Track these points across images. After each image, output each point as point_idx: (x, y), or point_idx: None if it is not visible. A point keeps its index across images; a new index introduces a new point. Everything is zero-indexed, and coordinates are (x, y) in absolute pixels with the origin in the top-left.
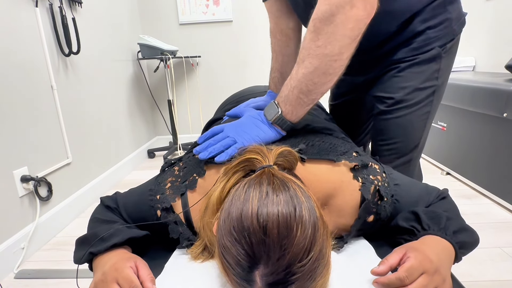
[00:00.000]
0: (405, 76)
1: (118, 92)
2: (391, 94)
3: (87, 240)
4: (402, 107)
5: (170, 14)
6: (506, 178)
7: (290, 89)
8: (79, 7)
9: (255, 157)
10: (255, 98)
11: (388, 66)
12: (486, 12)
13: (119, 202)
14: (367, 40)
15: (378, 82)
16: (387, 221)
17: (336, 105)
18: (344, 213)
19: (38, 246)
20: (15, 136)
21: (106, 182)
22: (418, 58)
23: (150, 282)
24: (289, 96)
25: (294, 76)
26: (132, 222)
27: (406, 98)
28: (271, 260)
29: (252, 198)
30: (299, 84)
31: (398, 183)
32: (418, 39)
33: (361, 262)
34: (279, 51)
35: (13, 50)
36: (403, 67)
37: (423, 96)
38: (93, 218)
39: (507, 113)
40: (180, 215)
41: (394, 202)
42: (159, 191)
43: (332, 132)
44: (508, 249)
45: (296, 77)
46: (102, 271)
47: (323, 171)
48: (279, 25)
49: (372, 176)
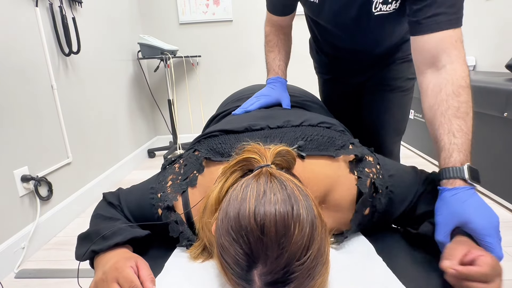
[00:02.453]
0: (399, 69)
1: (118, 92)
2: (390, 82)
3: (89, 237)
4: (399, 91)
5: (170, 13)
6: (507, 178)
7: (466, 141)
8: (79, 6)
9: (252, 157)
10: (258, 92)
11: (384, 65)
12: (486, 11)
13: (121, 199)
14: (370, 52)
15: (376, 76)
16: (382, 213)
17: (331, 101)
18: (341, 207)
19: (38, 246)
20: (16, 136)
21: (106, 181)
22: (408, 58)
23: (151, 283)
24: (467, 148)
25: (466, 129)
26: (134, 219)
27: (401, 85)
28: (269, 259)
29: (249, 197)
30: (468, 132)
31: (392, 173)
32: (406, 44)
33: (360, 260)
34: (282, 47)
35: (13, 50)
36: (398, 63)
37: (411, 85)
38: (96, 214)
39: (508, 112)
40: (181, 214)
41: (389, 193)
42: (160, 189)
43: (331, 125)
44: (509, 248)
45: (469, 128)
46: (102, 270)
47: (321, 167)
48: (283, 29)
49: (368, 169)
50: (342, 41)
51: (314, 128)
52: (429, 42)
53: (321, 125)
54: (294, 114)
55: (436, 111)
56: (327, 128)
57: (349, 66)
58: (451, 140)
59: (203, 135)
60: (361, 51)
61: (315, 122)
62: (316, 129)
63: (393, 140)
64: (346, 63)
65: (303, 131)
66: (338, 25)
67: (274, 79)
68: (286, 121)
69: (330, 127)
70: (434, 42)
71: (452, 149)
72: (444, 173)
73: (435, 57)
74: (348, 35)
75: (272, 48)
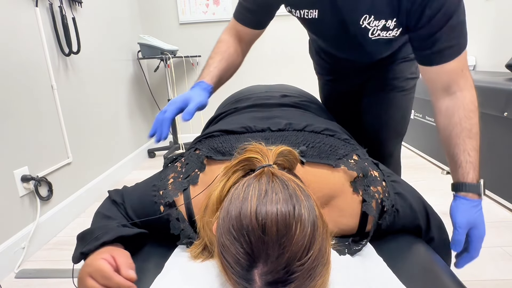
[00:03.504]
0: (399, 69)
1: (118, 92)
2: (389, 82)
3: (83, 238)
4: (398, 91)
5: (170, 13)
6: (507, 178)
7: (478, 159)
8: (79, 6)
9: (254, 156)
10: (181, 97)
11: (384, 65)
12: (486, 11)
13: (125, 197)
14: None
15: (375, 76)
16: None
17: (331, 101)
18: (345, 213)
19: (38, 246)
20: (16, 136)
21: (107, 181)
22: (408, 58)
23: (127, 268)
24: (478, 164)
25: (477, 147)
26: (136, 217)
27: (401, 85)
28: (270, 259)
29: (251, 197)
30: (478, 148)
31: (399, 191)
32: (406, 45)
33: (361, 261)
34: (227, 59)
35: (13, 50)
36: (398, 63)
37: (411, 84)
38: (97, 212)
39: (508, 112)
40: (183, 212)
41: (394, 212)
42: (162, 186)
43: (334, 133)
44: (509, 248)
45: (479, 145)
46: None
47: (322, 174)
48: (241, 45)
49: (373, 187)
50: (339, 53)
51: (317, 135)
52: (437, 73)
53: (325, 132)
54: (294, 117)
55: (451, 132)
56: (330, 135)
57: (349, 68)
58: (467, 159)
59: (204, 135)
60: (359, 61)
61: (319, 129)
62: (319, 136)
63: (393, 142)
64: (346, 66)
65: (305, 137)
66: (333, 46)
67: (196, 83)
68: (287, 124)
69: (333, 134)
70: (442, 73)
71: (469, 168)
72: (464, 187)
73: (445, 86)
74: (345, 52)
75: (216, 56)
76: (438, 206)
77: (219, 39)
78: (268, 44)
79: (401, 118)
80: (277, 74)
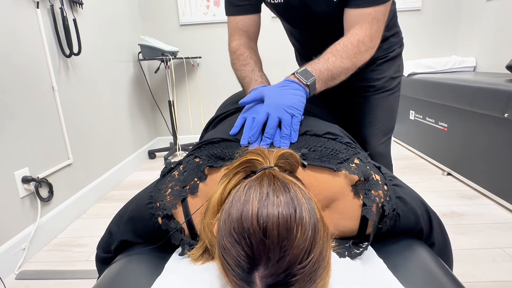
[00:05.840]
0: (381, 69)
1: (119, 93)
2: (373, 83)
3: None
4: (383, 91)
5: (171, 15)
6: (507, 179)
7: (326, 68)
8: (80, 8)
9: (256, 159)
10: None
11: (364, 67)
12: (486, 12)
13: (113, 233)
14: None
15: (356, 76)
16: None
17: None
18: (346, 216)
19: (39, 247)
20: (16, 137)
21: (107, 182)
22: (388, 56)
23: None
24: (323, 73)
25: (332, 63)
26: (132, 231)
27: (384, 85)
28: (271, 262)
29: (252, 199)
30: (333, 69)
31: (400, 195)
32: (385, 44)
33: (362, 263)
34: (258, 60)
35: (14, 51)
36: (379, 63)
37: (396, 83)
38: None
39: (508, 113)
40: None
41: (395, 216)
42: (159, 197)
43: (336, 137)
44: (509, 249)
45: (333, 64)
46: None
47: (323, 178)
48: (251, 41)
49: (374, 191)
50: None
51: (318, 138)
52: (351, 15)
53: (326, 136)
54: None
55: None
56: (332, 139)
57: None
58: (319, 59)
59: (204, 142)
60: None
61: (321, 133)
62: (320, 140)
63: (380, 141)
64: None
65: (307, 141)
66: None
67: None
68: None
69: (335, 138)
70: (354, 15)
71: (315, 63)
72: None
73: (352, 26)
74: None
75: (246, 61)
76: (438, 207)
77: (231, 50)
78: (270, 46)
79: (388, 117)
80: (279, 76)
